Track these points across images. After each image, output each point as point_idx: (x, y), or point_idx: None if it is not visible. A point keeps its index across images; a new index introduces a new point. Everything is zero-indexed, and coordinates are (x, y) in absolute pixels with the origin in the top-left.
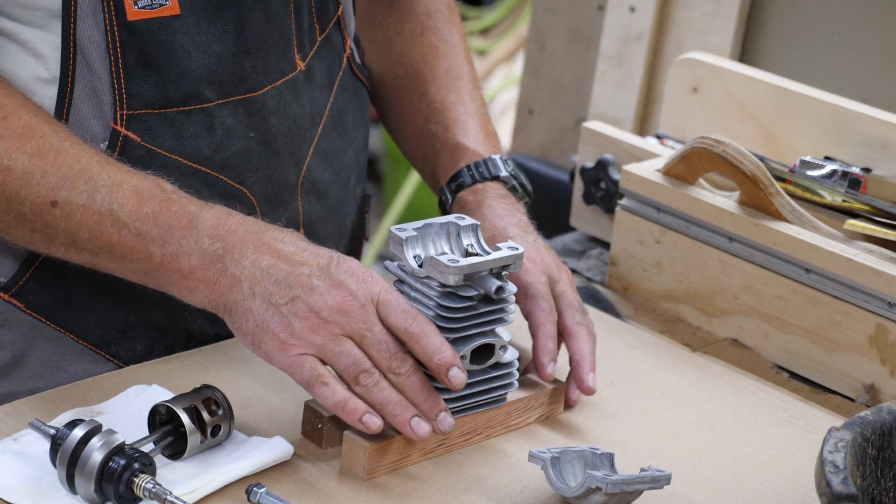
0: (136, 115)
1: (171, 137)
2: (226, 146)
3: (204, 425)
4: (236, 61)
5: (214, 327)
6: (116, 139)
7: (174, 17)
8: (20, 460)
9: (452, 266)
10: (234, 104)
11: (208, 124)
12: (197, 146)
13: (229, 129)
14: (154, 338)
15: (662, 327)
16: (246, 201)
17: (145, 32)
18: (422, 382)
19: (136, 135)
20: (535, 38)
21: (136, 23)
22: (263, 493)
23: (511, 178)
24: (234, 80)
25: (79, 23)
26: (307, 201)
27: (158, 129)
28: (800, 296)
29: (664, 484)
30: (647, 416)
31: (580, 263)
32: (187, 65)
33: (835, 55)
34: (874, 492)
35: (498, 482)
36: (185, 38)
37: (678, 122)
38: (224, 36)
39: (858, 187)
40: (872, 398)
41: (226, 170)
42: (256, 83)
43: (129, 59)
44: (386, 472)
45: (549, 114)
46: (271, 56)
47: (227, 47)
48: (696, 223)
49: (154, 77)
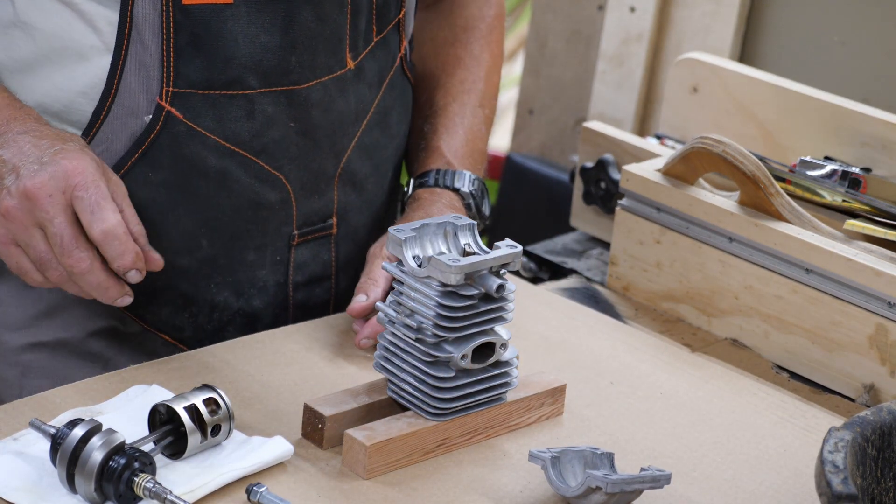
0: (181, 94)
1: (212, 118)
2: (265, 132)
3: (204, 425)
4: (282, 54)
5: (239, 300)
6: (160, 114)
7: (227, 6)
8: (20, 460)
9: (453, 265)
10: (277, 94)
11: (249, 110)
12: (236, 129)
13: (270, 117)
14: (179, 305)
15: (662, 327)
16: (281, 187)
17: (198, 16)
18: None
19: (178, 111)
20: (535, 38)
21: (190, 6)
22: (264, 492)
23: (469, 196)
24: (278, 72)
25: (137, 2)
26: (343, 192)
27: (201, 108)
28: (800, 296)
29: (664, 484)
30: (647, 416)
31: (580, 263)
32: (234, 52)
33: (835, 55)
34: (874, 492)
35: (498, 482)
36: (234, 26)
37: (678, 122)
38: (272, 28)
39: (858, 187)
40: (872, 398)
41: (263, 154)
42: (301, 77)
43: (181, 39)
44: (386, 472)
45: (549, 114)
46: (319, 53)
47: (274, 39)
48: (696, 223)
49: (201, 59)
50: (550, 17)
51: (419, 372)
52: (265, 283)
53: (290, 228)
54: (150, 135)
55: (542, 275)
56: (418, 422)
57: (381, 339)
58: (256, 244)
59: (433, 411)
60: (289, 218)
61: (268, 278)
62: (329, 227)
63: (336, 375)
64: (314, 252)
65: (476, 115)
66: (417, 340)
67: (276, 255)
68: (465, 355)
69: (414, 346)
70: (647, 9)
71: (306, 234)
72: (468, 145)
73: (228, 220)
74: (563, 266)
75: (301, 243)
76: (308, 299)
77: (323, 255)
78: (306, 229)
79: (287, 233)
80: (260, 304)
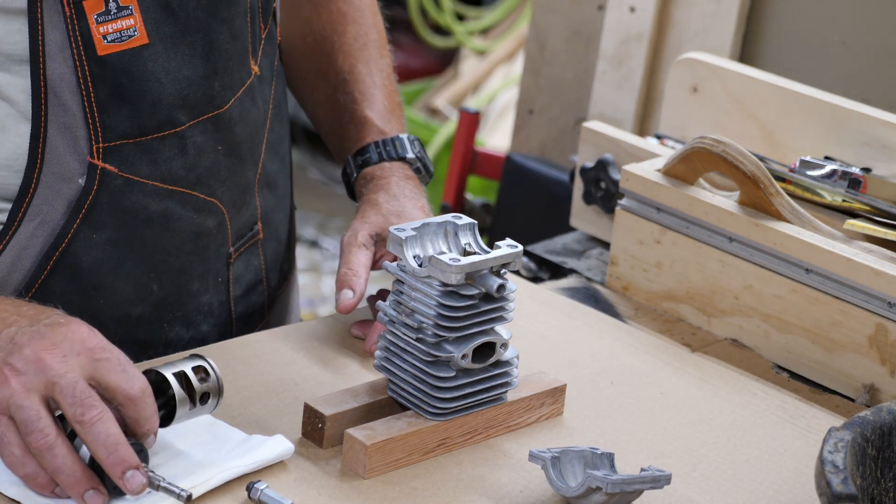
0: (113, 147)
1: (148, 164)
2: (198, 164)
3: (193, 392)
4: (206, 83)
5: (189, 331)
6: (94, 173)
7: (143, 47)
8: None
9: (454, 265)
10: (204, 122)
11: (181, 146)
12: (172, 168)
13: (200, 147)
14: (136, 353)
15: (662, 327)
16: (217, 211)
17: (116, 65)
18: (106, 435)
19: (113, 166)
20: (535, 38)
21: (106, 56)
22: (264, 490)
23: (416, 161)
24: (204, 101)
25: (48, 62)
26: (262, 196)
27: (135, 157)
28: (800, 296)
29: (664, 484)
30: (647, 416)
31: (580, 263)
32: (160, 93)
33: (835, 55)
34: (874, 492)
35: (498, 482)
36: (155, 66)
37: (678, 122)
38: (193, 60)
39: (858, 187)
40: (872, 398)
41: (198, 186)
42: (223, 99)
43: (102, 92)
44: (386, 472)
45: (549, 114)
46: (234, 70)
47: (197, 70)
48: (696, 223)
49: (128, 108)
50: (550, 17)
51: (419, 372)
52: (210, 307)
53: (227, 248)
54: (87, 196)
55: (542, 275)
56: (418, 421)
57: (382, 338)
58: (199, 273)
59: (433, 411)
60: (225, 239)
61: (212, 301)
62: (256, 233)
63: (336, 375)
64: (247, 262)
65: (382, 69)
66: (418, 340)
67: (217, 276)
68: (465, 355)
69: (414, 345)
70: (647, 9)
71: (239, 247)
72: (389, 104)
73: (174, 258)
74: (563, 266)
75: (237, 259)
76: (247, 309)
77: (254, 262)
78: (239, 243)
79: (224, 252)
80: (207, 327)
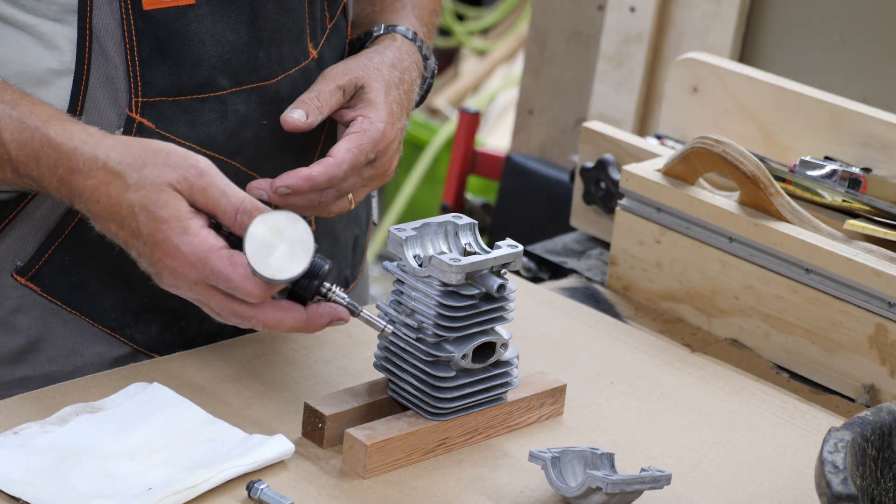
0: (151, 103)
1: (185, 124)
2: (239, 133)
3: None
4: (250, 50)
5: None
6: (131, 126)
7: (189, 7)
8: (21, 453)
9: (455, 265)
10: (248, 92)
11: (222, 112)
12: (210, 133)
13: (243, 117)
14: (168, 321)
15: (662, 328)
16: None
17: (160, 21)
18: None
19: (150, 122)
20: (535, 38)
21: (151, 12)
22: (265, 489)
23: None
24: (247, 69)
25: (95, 13)
26: None
27: (173, 116)
28: (800, 296)
29: (664, 484)
30: (647, 416)
31: (580, 263)
32: (201, 53)
33: (835, 55)
34: (874, 492)
35: (498, 482)
36: (199, 27)
37: (678, 122)
38: (238, 25)
39: (858, 187)
40: (872, 398)
41: (238, 156)
42: (270, 72)
43: (145, 47)
44: (386, 472)
45: (549, 114)
46: (285, 45)
47: (241, 37)
48: (696, 223)
49: (169, 65)
50: (550, 17)
51: (419, 371)
52: None
53: None
54: None
55: (542, 275)
56: (418, 421)
57: (382, 338)
58: None
59: (433, 411)
60: None
61: None
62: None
63: (336, 375)
64: None
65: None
66: (418, 340)
67: None
68: (465, 355)
69: (414, 345)
70: (647, 9)
71: None
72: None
73: None
74: (563, 266)
75: None
76: None
77: None
78: None
79: None
80: None
